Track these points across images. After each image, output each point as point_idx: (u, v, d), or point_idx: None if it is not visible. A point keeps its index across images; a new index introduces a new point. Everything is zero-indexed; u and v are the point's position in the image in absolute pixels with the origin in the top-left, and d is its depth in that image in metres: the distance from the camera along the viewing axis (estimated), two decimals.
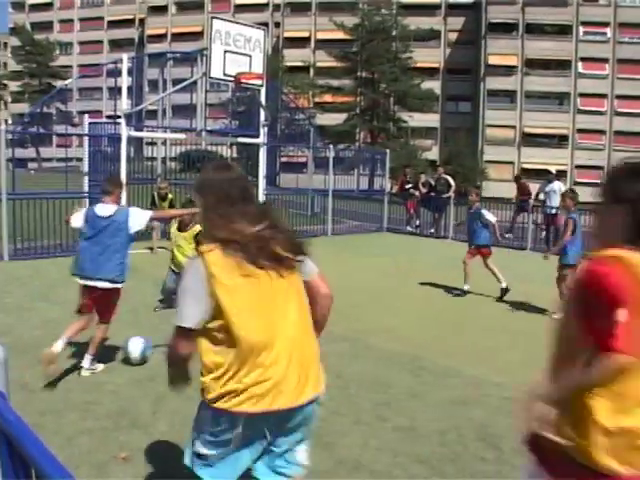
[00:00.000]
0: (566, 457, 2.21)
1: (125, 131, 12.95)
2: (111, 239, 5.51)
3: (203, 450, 2.66)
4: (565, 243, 8.72)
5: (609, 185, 2.37)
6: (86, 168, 12.39)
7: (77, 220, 5.82)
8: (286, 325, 2.63)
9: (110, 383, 5.20)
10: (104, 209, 5.63)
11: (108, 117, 16.29)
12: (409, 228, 18.75)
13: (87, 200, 12.47)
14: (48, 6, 76.19)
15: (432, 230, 18.54)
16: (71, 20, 75.93)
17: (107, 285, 5.51)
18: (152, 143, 16.73)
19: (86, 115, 13.35)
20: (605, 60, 54.33)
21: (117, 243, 5.54)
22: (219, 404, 2.54)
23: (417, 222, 19.10)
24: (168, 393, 4.96)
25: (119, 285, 5.70)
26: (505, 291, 9.83)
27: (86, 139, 12.47)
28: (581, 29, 54.49)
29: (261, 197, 15.86)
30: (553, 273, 12.20)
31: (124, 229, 5.54)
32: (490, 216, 10.43)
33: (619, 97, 54.13)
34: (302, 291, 2.78)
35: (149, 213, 6.08)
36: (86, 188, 12.44)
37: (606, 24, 54.24)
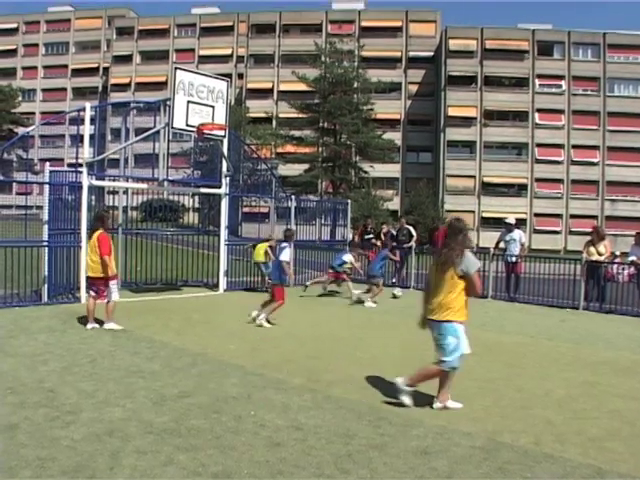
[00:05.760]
0: None
1: (86, 180, 12.89)
2: None
3: None
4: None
5: None
6: (46, 216, 12.23)
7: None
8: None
9: (66, 438, 5.06)
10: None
11: (70, 165, 16.15)
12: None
13: (46, 249, 12.30)
14: (12, 52, 76.12)
15: (394, 280, 18.63)
16: (35, 67, 75.93)
17: None
18: (114, 192, 16.63)
19: (47, 163, 13.21)
20: (561, 111, 56.00)
21: None
22: None
23: None
24: (126, 448, 4.89)
25: None
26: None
27: (47, 187, 12.33)
28: (537, 82, 56.24)
29: (222, 247, 15.84)
30: (519, 321, 12.37)
31: None
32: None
33: (575, 147, 55.66)
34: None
35: None
36: (46, 237, 12.26)
37: (561, 77, 56.08)
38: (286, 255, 11.30)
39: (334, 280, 16.05)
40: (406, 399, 6.23)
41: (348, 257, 16.05)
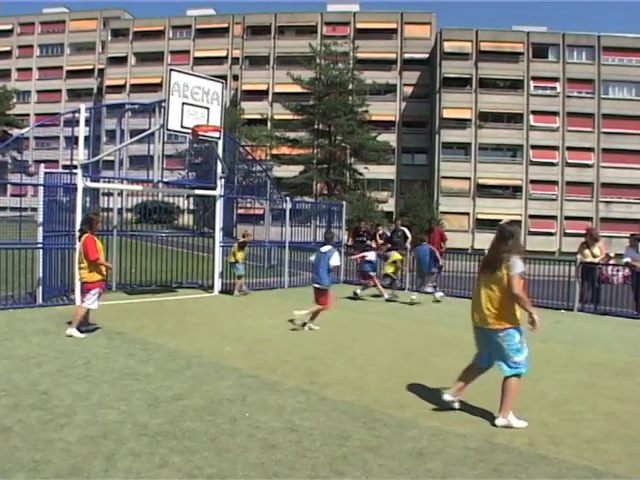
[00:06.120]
0: None
1: (81, 181, 12.86)
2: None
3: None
4: None
5: None
6: (41, 218, 12.18)
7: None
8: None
9: (60, 441, 5.04)
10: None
11: (64, 167, 16.11)
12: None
13: (41, 251, 12.26)
14: (7, 54, 75.97)
15: (389, 281, 18.57)
16: (29, 69, 75.83)
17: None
18: (108, 194, 16.60)
19: (42, 165, 13.14)
20: (555, 113, 56.16)
21: None
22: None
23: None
24: (120, 450, 4.87)
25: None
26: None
27: (41, 189, 12.29)
28: (532, 84, 56.40)
29: (217, 249, 15.83)
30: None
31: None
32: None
33: (569, 149, 55.81)
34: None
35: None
36: (40, 239, 12.22)
37: (555, 79, 56.22)
38: (337, 260, 11.21)
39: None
40: (517, 423, 5.84)
41: (372, 255, 16.58)
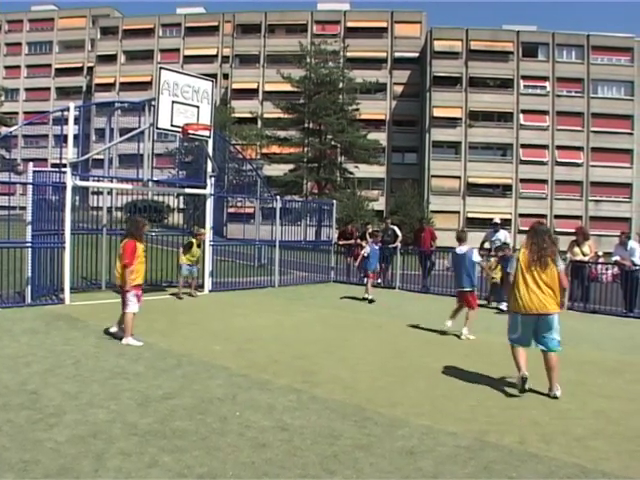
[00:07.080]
0: None
1: (70, 180, 12.80)
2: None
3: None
4: None
5: None
6: (29, 217, 12.12)
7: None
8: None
9: (49, 440, 5.01)
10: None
11: (53, 165, 16.00)
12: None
13: (30, 250, 12.18)
14: None
15: (379, 280, 18.60)
16: (18, 66, 75.34)
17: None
18: (98, 192, 16.53)
19: (30, 163, 13.06)
20: (545, 112, 56.33)
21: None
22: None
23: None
24: (110, 450, 4.85)
25: None
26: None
27: (30, 187, 12.22)
28: (522, 83, 56.53)
29: (207, 248, 15.77)
30: (504, 322, 12.39)
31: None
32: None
33: (559, 147, 55.98)
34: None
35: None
36: (29, 237, 12.15)
37: (545, 78, 56.40)
38: (477, 256, 11.06)
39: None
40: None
41: (367, 249, 15.61)
